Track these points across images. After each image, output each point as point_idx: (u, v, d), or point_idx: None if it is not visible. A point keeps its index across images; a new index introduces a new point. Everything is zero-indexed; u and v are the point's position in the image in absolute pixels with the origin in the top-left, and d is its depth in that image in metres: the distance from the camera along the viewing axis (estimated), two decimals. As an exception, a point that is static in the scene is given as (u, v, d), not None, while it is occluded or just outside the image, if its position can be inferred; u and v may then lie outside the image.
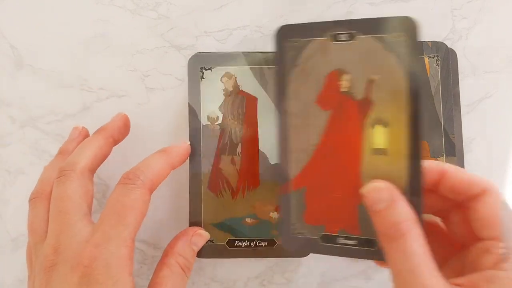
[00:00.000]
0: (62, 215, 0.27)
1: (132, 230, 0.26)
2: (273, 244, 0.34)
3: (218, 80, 0.34)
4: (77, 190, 0.28)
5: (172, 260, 0.29)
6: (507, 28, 0.36)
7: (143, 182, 0.28)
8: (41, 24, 0.37)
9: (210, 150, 0.34)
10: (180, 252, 0.30)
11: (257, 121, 0.34)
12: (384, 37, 0.26)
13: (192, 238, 0.31)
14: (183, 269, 0.29)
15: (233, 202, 0.34)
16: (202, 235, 0.32)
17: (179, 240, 0.30)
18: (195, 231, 0.31)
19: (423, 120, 0.26)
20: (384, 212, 0.24)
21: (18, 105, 0.37)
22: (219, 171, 0.34)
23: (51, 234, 0.27)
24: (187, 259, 0.30)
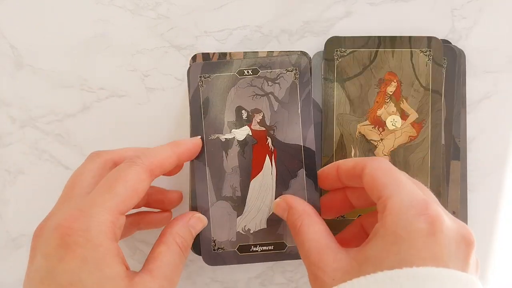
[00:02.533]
0: (92, 192, 0.26)
1: (120, 201, 0.25)
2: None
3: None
4: (132, 178, 0.27)
5: (170, 238, 0.28)
6: (507, 28, 0.36)
7: (142, 162, 0.27)
8: (41, 24, 0.37)
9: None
10: (178, 231, 0.29)
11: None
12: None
13: (190, 221, 0.30)
14: (181, 248, 0.28)
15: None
16: (200, 218, 0.31)
17: (177, 221, 0.30)
18: (193, 215, 0.31)
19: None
20: (288, 218, 0.30)
21: (18, 105, 0.37)
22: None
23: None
24: (185, 239, 0.29)
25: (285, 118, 0.33)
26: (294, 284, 0.37)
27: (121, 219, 0.26)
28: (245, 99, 0.33)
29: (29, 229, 0.37)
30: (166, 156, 0.29)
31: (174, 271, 0.27)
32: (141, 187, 0.27)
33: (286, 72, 0.33)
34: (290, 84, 0.33)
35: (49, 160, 0.37)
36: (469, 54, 0.36)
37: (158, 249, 0.28)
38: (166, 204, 0.34)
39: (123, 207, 0.26)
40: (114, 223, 0.25)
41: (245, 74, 0.33)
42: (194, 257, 0.37)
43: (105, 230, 0.24)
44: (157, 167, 0.28)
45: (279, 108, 0.33)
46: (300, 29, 0.37)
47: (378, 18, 0.36)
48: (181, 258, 0.28)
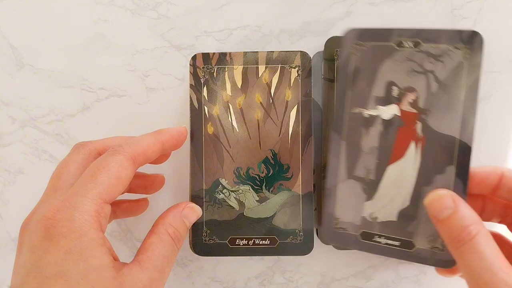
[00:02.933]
0: (75, 183, 0.26)
1: (103, 189, 0.25)
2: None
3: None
4: (114, 166, 0.26)
5: (162, 229, 0.28)
6: (507, 28, 0.36)
7: (124, 150, 0.27)
8: (41, 24, 0.37)
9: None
10: (170, 222, 0.28)
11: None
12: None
13: (183, 211, 0.29)
14: (173, 239, 0.28)
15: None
16: (194, 208, 0.30)
17: (170, 212, 0.29)
18: (186, 205, 0.30)
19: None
20: (450, 218, 0.25)
21: (18, 105, 0.37)
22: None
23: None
24: (178, 230, 0.28)
25: (444, 103, 0.29)
26: (294, 284, 0.37)
27: (106, 208, 0.25)
28: (400, 74, 0.29)
29: (29, 229, 0.37)
30: (149, 144, 0.28)
31: (166, 262, 0.27)
32: (124, 175, 0.26)
33: (454, 50, 0.28)
34: (457, 64, 0.28)
35: (49, 160, 0.37)
36: (469, 54, 0.36)
37: (149, 240, 0.27)
38: (149, 189, 0.34)
39: (107, 196, 0.25)
40: (99, 212, 0.25)
41: (404, 45, 0.29)
42: (194, 257, 0.37)
43: (89, 220, 0.24)
44: (140, 155, 0.27)
45: (438, 90, 0.29)
46: (300, 29, 0.37)
47: (378, 18, 0.36)
48: (173, 249, 0.28)
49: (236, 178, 0.34)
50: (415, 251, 0.30)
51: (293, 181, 0.34)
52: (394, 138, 0.30)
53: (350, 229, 0.31)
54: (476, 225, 0.25)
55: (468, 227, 0.25)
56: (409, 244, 0.30)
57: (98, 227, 0.24)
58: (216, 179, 0.34)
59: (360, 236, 0.31)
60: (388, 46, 0.29)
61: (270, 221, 0.34)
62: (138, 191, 0.34)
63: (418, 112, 0.29)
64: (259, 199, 0.34)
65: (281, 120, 0.34)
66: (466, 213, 0.25)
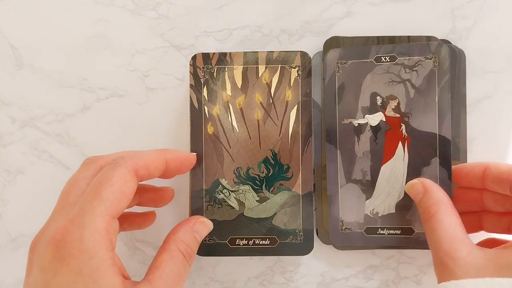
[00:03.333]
0: (80, 200, 0.25)
1: (109, 205, 0.25)
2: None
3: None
4: (117, 181, 0.26)
5: (172, 245, 0.28)
6: (507, 28, 0.36)
7: (126, 162, 0.26)
8: (41, 24, 0.37)
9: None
10: (181, 238, 0.28)
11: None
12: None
13: (194, 226, 0.29)
14: (184, 255, 0.28)
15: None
16: (205, 223, 0.31)
17: (180, 227, 0.29)
18: (197, 219, 0.30)
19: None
20: (421, 201, 0.30)
21: (18, 105, 0.37)
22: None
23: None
24: (189, 246, 0.28)
25: (421, 106, 0.33)
26: (294, 284, 0.37)
27: (114, 224, 0.25)
28: (381, 85, 0.34)
29: (29, 229, 0.37)
30: (153, 158, 0.28)
31: (177, 281, 0.27)
32: (128, 189, 0.26)
33: (424, 60, 0.33)
34: (429, 72, 0.33)
35: (49, 160, 0.37)
36: (469, 54, 0.36)
37: (161, 257, 0.27)
38: (158, 202, 0.34)
39: (114, 211, 0.25)
40: (108, 229, 0.24)
41: (382, 60, 0.34)
42: (194, 257, 0.37)
43: (99, 239, 0.24)
44: (142, 168, 0.27)
45: (415, 95, 0.33)
46: (300, 29, 0.37)
47: (378, 18, 0.36)
48: (185, 267, 0.27)
49: (236, 178, 0.34)
50: (415, 236, 0.34)
51: (293, 181, 0.34)
52: (383, 141, 0.34)
53: (355, 228, 0.34)
54: (436, 205, 0.29)
55: (431, 205, 0.29)
56: (409, 231, 0.34)
57: (109, 245, 0.24)
58: (216, 179, 0.34)
59: (365, 232, 0.34)
60: (368, 62, 0.34)
61: (270, 221, 0.34)
62: (147, 204, 0.33)
63: (401, 116, 0.34)
64: (259, 199, 0.34)
65: (281, 120, 0.34)
66: (432, 195, 0.30)
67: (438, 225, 0.28)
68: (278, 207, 0.34)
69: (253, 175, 0.34)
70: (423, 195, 0.30)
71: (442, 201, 0.29)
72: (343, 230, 0.34)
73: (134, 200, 0.32)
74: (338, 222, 0.34)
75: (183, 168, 0.31)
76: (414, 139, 0.33)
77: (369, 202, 0.34)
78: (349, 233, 0.34)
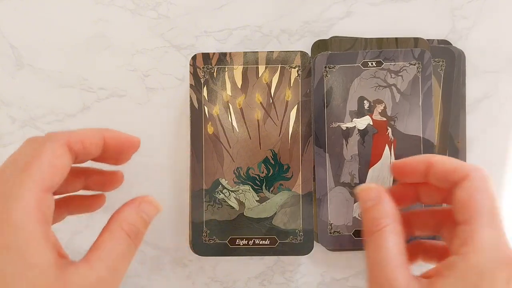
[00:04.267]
0: (5, 174, 0.24)
1: (39, 179, 0.23)
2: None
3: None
4: (46, 154, 0.24)
5: (115, 225, 0.25)
6: (507, 28, 0.36)
7: (57, 136, 0.25)
8: (41, 24, 0.37)
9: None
10: (125, 217, 0.26)
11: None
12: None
13: (140, 205, 0.27)
14: (129, 235, 0.25)
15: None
16: (152, 203, 0.28)
17: (126, 206, 0.27)
18: (143, 198, 0.27)
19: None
20: (370, 209, 0.27)
21: (18, 105, 0.37)
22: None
23: None
24: (134, 225, 0.26)
25: (406, 110, 0.34)
26: (294, 284, 0.37)
27: (47, 198, 0.23)
28: (368, 89, 0.35)
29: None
30: (89, 134, 0.26)
31: (119, 261, 0.25)
32: (60, 163, 0.24)
33: (409, 66, 0.34)
34: (413, 77, 0.34)
35: (49, 160, 0.37)
36: (469, 54, 0.36)
37: (102, 237, 0.25)
38: (107, 185, 0.31)
39: (45, 185, 0.23)
40: (40, 202, 0.22)
41: (369, 65, 0.34)
42: (193, 257, 0.37)
43: (28, 212, 0.22)
44: (76, 142, 0.25)
45: (400, 99, 0.34)
46: (300, 29, 0.37)
47: (378, 18, 0.36)
48: (129, 246, 0.25)
49: (236, 178, 0.34)
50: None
51: (293, 181, 0.34)
52: (371, 144, 0.35)
53: (344, 231, 0.35)
54: (386, 220, 0.26)
55: (378, 219, 0.26)
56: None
57: (41, 218, 0.22)
58: (216, 179, 0.34)
59: (353, 235, 0.35)
60: (355, 67, 0.34)
61: (270, 221, 0.34)
62: (95, 188, 0.31)
63: (387, 120, 0.34)
64: (259, 199, 0.34)
65: (281, 120, 0.34)
66: (384, 208, 0.27)
67: (384, 244, 0.25)
68: (278, 207, 0.34)
69: (253, 175, 0.34)
70: (375, 203, 0.27)
71: (394, 218, 0.26)
72: (332, 233, 0.35)
73: (79, 182, 0.30)
74: (327, 225, 0.35)
75: (124, 150, 0.28)
76: (400, 142, 0.34)
77: (357, 205, 0.35)
78: (338, 236, 0.35)
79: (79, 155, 0.26)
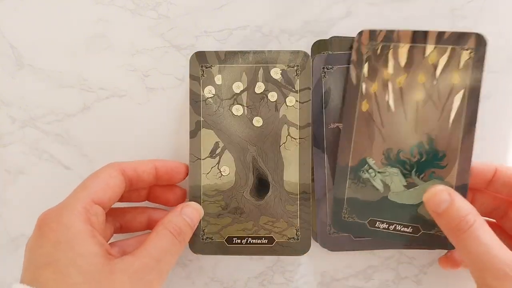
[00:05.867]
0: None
1: (91, 192, 0.27)
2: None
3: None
4: (102, 175, 0.29)
5: (159, 227, 0.29)
6: (507, 28, 0.36)
7: (114, 163, 0.30)
8: (41, 24, 0.37)
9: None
10: (169, 220, 0.29)
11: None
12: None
13: (182, 210, 0.30)
14: (172, 233, 0.28)
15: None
16: (192, 206, 0.31)
17: (170, 212, 0.30)
18: (184, 204, 0.31)
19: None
20: (448, 211, 0.27)
21: (18, 105, 0.37)
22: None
23: None
24: (177, 225, 0.29)
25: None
26: (294, 284, 0.37)
27: (95, 207, 0.27)
28: None
29: (29, 229, 0.37)
30: (141, 162, 0.31)
31: (162, 253, 0.27)
32: (113, 182, 0.29)
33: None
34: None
35: (49, 160, 0.37)
36: (469, 54, 0.36)
37: (147, 237, 0.28)
38: (171, 200, 0.34)
39: (95, 197, 0.27)
40: (87, 209, 0.27)
41: None
42: (193, 257, 0.37)
43: (76, 214, 0.26)
44: (129, 169, 0.30)
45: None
46: (300, 29, 0.37)
47: (378, 18, 0.36)
48: (172, 241, 0.28)
49: (384, 159, 0.33)
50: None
51: (448, 170, 0.32)
52: None
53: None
54: (473, 215, 0.27)
55: (465, 216, 0.27)
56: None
57: (86, 220, 0.26)
58: (364, 157, 0.33)
59: (352, 235, 0.34)
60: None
61: (416, 209, 0.32)
62: (160, 202, 0.35)
63: None
64: (407, 185, 0.32)
65: (443, 104, 0.32)
66: (462, 204, 0.27)
67: (483, 237, 0.26)
68: None
69: (404, 158, 0.32)
70: (450, 203, 0.27)
71: (475, 211, 0.27)
72: (331, 234, 0.35)
73: (141, 196, 0.34)
74: (326, 226, 0.35)
75: (174, 176, 0.33)
76: None
77: None
78: (337, 237, 0.35)
79: (133, 180, 0.30)
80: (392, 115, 0.33)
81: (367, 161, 0.33)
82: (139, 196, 0.34)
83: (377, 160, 0.33)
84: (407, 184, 0.32)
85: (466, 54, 0.31)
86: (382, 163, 0.33)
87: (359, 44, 0.33)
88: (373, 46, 0.33)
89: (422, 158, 0.32)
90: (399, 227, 0.33)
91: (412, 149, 0.32)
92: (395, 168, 0.33)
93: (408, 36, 0.32)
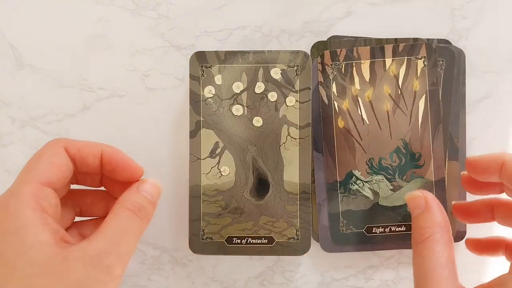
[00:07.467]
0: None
1: (37, 173, 0.25)
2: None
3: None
4: (45, 153, 0.26)
5: (116, 206, 0.26)
6: (507, 28, 0.36)
7: (58, 140, 0.27)
8: (41, 24, 0.37)
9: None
10: (127, 198, 0.26)
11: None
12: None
13: (139, 186, 0.27)
14: (132, 210, 0.26)
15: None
16: (149, 181, 0.28)
17: (125, 191, 0.27)
18: (142, 180, 0.28)
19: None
20: (418, 217, 0.27)
21: (18, 105, 0.37)
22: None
23: None
24: (137, 202, 0.26)
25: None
26: (294, 284, 0.37)
27: (45, 190, 0.25)
28: None
29: (29, 229, 0.37)
30: (87, 143, 0.27)
31: (121, 234, 0.25)
32: (58, 160, 0.26)
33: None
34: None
35: (49, 160, 0.37)
36: (469, 54, 0.36)
37: (104, 219, 0.25)
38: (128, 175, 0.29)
39: (42, 178, 0.25)
40: (35, 194, 0.24)
41: None
42: (193, 257, 0.37)
43: (24, 201, 0.24)
44: (72, 147, 0.26)
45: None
46: (300, 29, 0.37)
47: (378, 18, 0.36)
48: (132, 220, 0.25)
49: (369, 169, 0.35)
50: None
51: (425, 168, 0.34)
52: None
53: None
54: (433, 229, 0.26)
55: (424, 228, 0.26)
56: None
57: (36, 207, 0.24)
58: (350, 171, 0.35)
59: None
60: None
61: (405, 208, 0.34)
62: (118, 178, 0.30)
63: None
64: (393, 188, 0.35)
65: (410, 110, 0.34)
66: (430, 216, 0.26)
67: (429, 254, 0.25)
68: None
69: (386, 165, 0.35)
70: (422, 211, 0.27)
71: (441, 226, 0.26)
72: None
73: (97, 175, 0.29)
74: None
75: (118, 169, 0.28)
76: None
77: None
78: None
79: (76, 161, 0.27)
80: (367, 127, 0.34)
81: (353, 173, 0.35)
82: (93, 180, 0.30)
83: (362, 171, 0.34)
84: (393, 188, 0.35)
85: (420, 62, 0.34)
86: (367, 173, 0.34)
87: (323, 66, 0.34)
88: (337, 65, 0.34)
89: (402, 161, 0.34)
90: (394, 228, 0.34)
91: (391, 155, 0.34)
92: (379, 175, 0.34)
93: (367, 52, 0.34)
